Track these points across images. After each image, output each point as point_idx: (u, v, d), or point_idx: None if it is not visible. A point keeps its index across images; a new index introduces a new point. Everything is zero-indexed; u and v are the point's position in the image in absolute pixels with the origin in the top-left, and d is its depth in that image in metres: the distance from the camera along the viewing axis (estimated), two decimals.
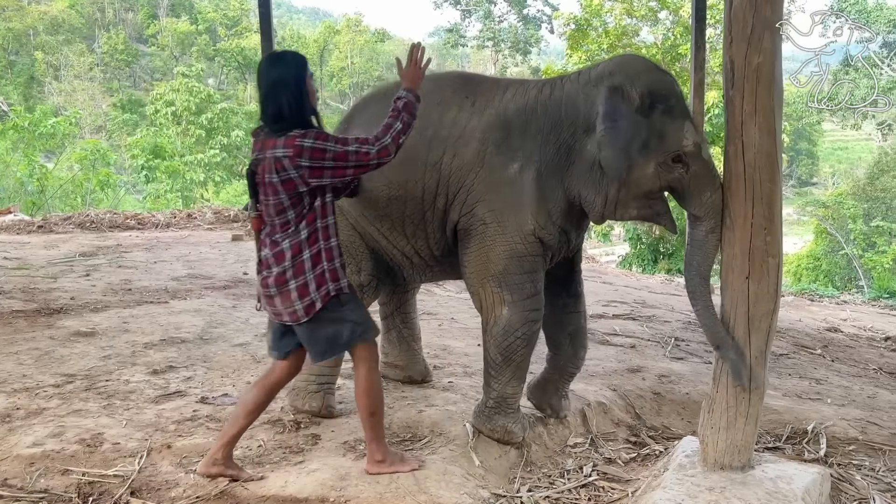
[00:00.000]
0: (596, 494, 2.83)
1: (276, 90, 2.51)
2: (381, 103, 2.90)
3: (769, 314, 2.76)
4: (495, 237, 2.85)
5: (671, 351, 4.70)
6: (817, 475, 2.83)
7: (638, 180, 2.71)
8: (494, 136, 2.89)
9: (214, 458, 2.61)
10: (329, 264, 2.57)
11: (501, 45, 34.80)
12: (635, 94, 2.66)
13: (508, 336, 2.89)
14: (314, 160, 2.45)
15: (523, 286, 2.87)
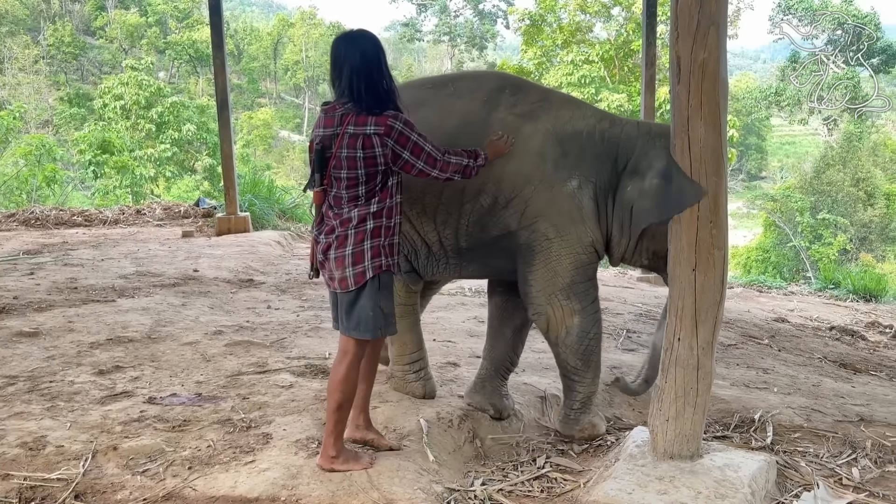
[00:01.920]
0: (549, 486, 2.85)
1: (366, 68, 2.54)
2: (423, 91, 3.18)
3: (716, 305, 2.82)
4: (561, 251, 2.99)
5: (623, 343, 4.77)
6: (764, 463, 2.90)
7: (663, 238, 2.84)
8: (554, 152, 3.01)
9: (357, 424, 2.82)
10: (387, 240, 2.64)
11: (457, 39, 34.81)
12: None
13: (584, 341, 3.06)
14: (398, 144, 2.56)
15: (588, 292, 3.05)
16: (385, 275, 2.64)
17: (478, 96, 3.07)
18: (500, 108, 3.05)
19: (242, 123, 35.44)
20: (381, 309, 2.62)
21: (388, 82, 2.59)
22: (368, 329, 2.62)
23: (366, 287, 2.60)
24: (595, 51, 16.47)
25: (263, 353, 4.02)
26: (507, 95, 3.08)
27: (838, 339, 6.01)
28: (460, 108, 3.06)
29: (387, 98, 2.59)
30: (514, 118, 3.03)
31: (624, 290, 7.29)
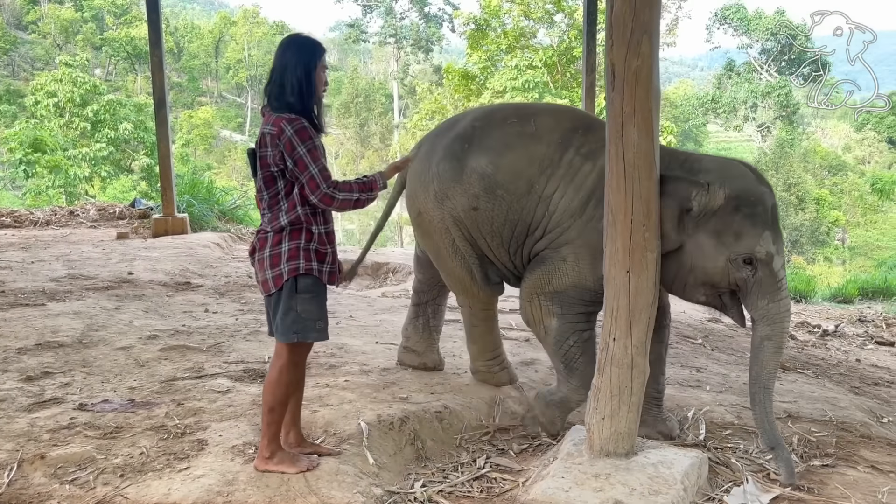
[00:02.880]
0: (488, 486, 2.87)
1: (284, 71, 2.58)
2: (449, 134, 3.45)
3: (648, 306, 2.89)
4: (566, 269, 3.14)
5: None
6: (696, 459, 2.98)
7: (706, 269, 2.89)
8: (599, 190, 3.05)
9: (287, 442, 2.77)
10: (307, 244, 2.61)
11: (403, 42, 34.79)
12: (721, 194, 2.84)
13: (562, 345, 3.18)
14: (286, 150, 2.53)
15: (573, 305, 3.15)
16: (304, 279, 2.59)
17: (554, 138, 3.24)
18: (571, 149, 3.21)
19: (182, 122, 34.63)
20: (299, 313, 2.59)
21: (300, 88, 2.58)
22: (284, 333, 2.60)
23: (282, 290, 2.58)
24: (538, 56, 16.70)
25: (200, 358, 3.94)
26: (579, 136, 3.24)
27: None
28: (540, 153, 3.24)
29: (295, 102, 2.58)
30: (579, 158, 3.18)
31: None
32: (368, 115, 33.32)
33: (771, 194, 2.93)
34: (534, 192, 3.21)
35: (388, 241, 24.03)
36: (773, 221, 2.87)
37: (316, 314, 2.63)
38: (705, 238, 2.87)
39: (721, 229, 2.85)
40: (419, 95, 21.66)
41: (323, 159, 2.59)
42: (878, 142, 33.80)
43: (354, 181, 2.65)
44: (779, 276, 2.85)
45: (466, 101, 18.27)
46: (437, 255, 3.60)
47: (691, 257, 2.90)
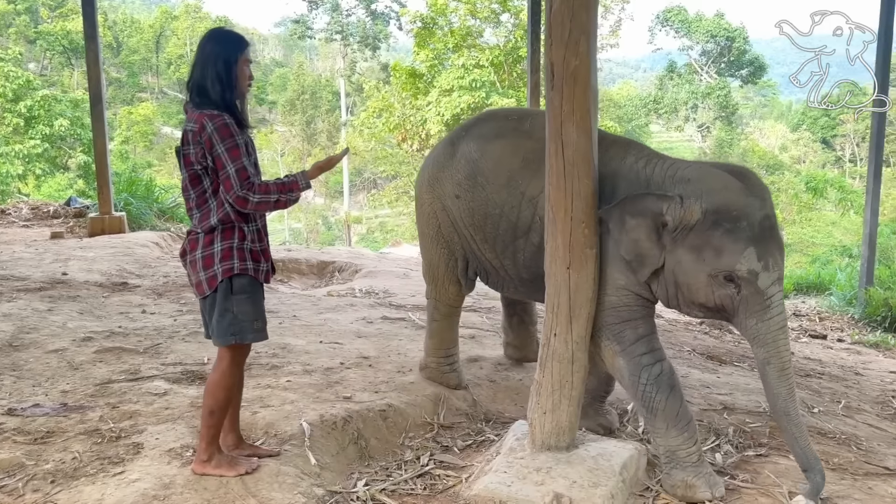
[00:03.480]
0: (432, 483, 2.88)
1: (205, 65, 2.52)
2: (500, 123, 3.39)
3: (588, 302, 2.94)
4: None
5: None
6: (634, 451, 3.05)
7: (690, 286, 2.75)
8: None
9: (226, 444, 2.72)
10: (240, 243, 2.55)
11: (350, 39, 34.54)
12: (698, 208, 2.69)
13: (637, 387, 2.90)
14: (206, 147, 2.46)
15: (623, 334, 2.93)
16: (239, 279, 2.53)
17: (542, 136, 3.06)
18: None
19: (122, 119, 33.67)
20: (236, 315, 2.53)
21: (221, 82, 2.50)
22: (221, 335, 2.55)
23: (217, 292, 2.53)
24: (485, 55, 16.80)
25: (136, 360, 3.83)
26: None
27: (707, 333, 6.40)
28: (526, 147, 3.18)
29: (216, 97, 2.50)
30: None
31: None
32: (315, 113, 32.96)
33: (762, 206, 2.70)
34: (514, 186, 3.15)
35: (335, 241, 23.85)
36: (760, 236, 2.65)
37: (253, 314, 2.57)
38: (684, 254, 2.73)
39: (700, 245, 2.69)
40: (366, 93, 21.56)
41: (245, 158, 2.48)
42: (812, 142, 35.08)
43: (274, 182, 2.54)
44: (767, 293, 2.65)
45: (414, 100, 18.26)
46: (422, 239, 3.64)
47: (674, 273, 2.77)
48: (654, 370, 2.87)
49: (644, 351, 2.90)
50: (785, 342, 2.67)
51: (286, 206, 2.59)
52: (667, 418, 2.85)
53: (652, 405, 2.86)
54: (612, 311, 2.93)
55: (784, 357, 2.65)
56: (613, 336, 2.93)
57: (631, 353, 2.90)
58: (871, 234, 7.52)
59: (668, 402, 2.84)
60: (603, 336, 2.95)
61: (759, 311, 2.65)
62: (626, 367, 2.90)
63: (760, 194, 2.75)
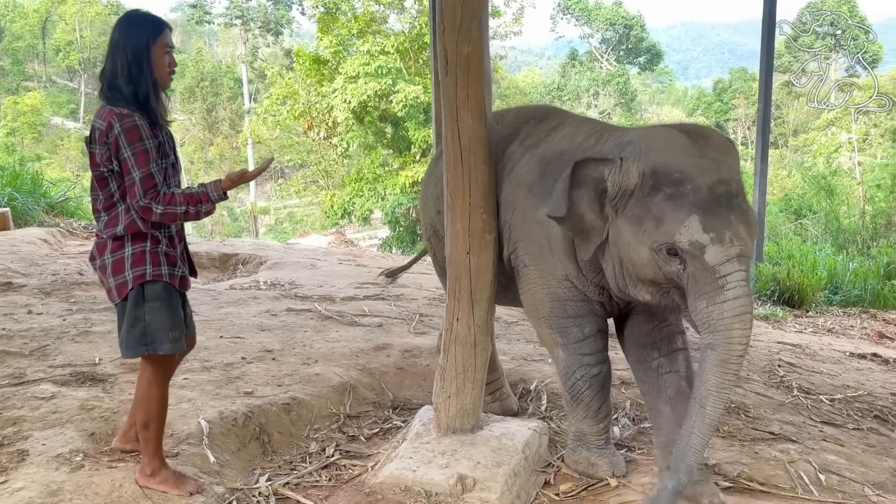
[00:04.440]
0: (337, 473, 2.86)
1: (115, 55, 2.30)
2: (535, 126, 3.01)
3: (489, 285, 2.98)
4: (536, 280, 2.82)
5: (415, 327, 4.90)
6: (536, 429, 3.13)
7: (633, 261, 2.41)
8: (531, 177, 2.81)
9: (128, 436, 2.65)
10: (154, 246, 2.37)
11: (251, 24, 33.53)
12: (635, 169, 2.35)
13: (569, 377, 2.82)
14: (113, 149, 2.26)
15: (569, 329, 2.77)
16: (152, 286, 2.35)
17: (505, 132, 2.99)
18: (515, 141, 2.95)
19: (6, 109, 31.52)
20: (148, 323, 2.36)
21: (131, 72, 2.28)
22: (130, 347, 2.39)
23: (127, 299, 2.36)
24: (390, 42, 16.66)
25: (21, 363, 3.61)
26: (529, 127, 2.98)
27: None
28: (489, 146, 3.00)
29: (127, 89, 2.29)
30: (521, 150, 2.92)
31: (421, 276, 7.47)
32: (216, 100, 31.82)
33: (714, 168, 2.30)
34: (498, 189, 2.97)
35: (242, 232, 23.23)
36: (709, 202, 2.24)
37: (168, 323, 2.37)
38: (624, 224, 2.39)
39: (640, 214, 2.35)
40: (269, 80, 20.97)
41: (153, 164, 2.28)
42: (707, 126, 36.85)
43: (182, 192, 2.32)
44: (718, 271, 2.21)
45: (319, 86, 17.93)
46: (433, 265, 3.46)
47: (617, 247, 2.46)
48: (592, 370, 2.79)
49: (589, 352, 2.78)
50: (740, 333, 2.20)
51: (197, 217, 2.37)
52: (588, 409, 2.83)
53: (579, 396, 2.82)
54: (557, 303, 2.78)
55: (733, 349, 2.20)
56: (557, 328, 2.80)
57: (574, 350, 2.79)
58: (759, 212, 7.96)
59: (595, 398, 2.82)
60: (545, 324, 2.85)
61: (710, 292, 2.23)
62: (564, 360, 2.82)
63: (713, 155, 2.35)
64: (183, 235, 2.54)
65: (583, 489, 2.81)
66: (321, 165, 21.48)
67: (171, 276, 2.39)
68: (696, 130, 2.44)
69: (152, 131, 2.31)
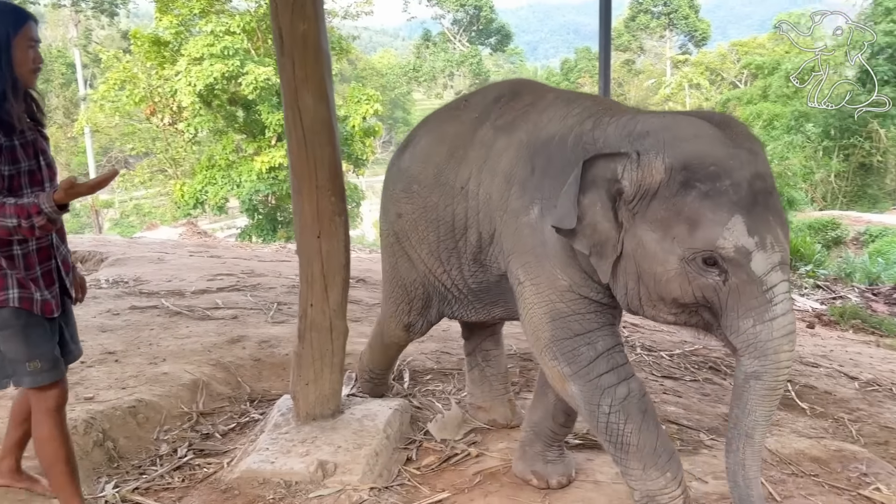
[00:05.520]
0: (191, 473, 2.75)
1: None
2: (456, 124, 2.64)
3: (342, 269, 2.96)
4: (533, 297, 2.27)
5: (273, 316, 4.78)
6: (398, 408, 3.16)
7: (656, 276, 1.99)
8: (521, 171, 2.30)
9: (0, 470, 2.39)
10: (13, 271, 2.07)
11: (82, 4, 31.02)
12: (659, 164, 1.95)
13: (597, 416, 2.20)
14: None
15: (578, 351, 2.21)
16: (6, 311, 2.07)
17: (472, 114, 2.58)
18: (486, 123, 2.50)
19: None
20: (3, 354, 2.10)
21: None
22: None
23: None
24: (235, 22, 15.96)
25: None
26: (499, 106, 2.52)
27: None
28: (452, 132, 2.59)
29: None
30: (492, 133, 2.45)
31: (280, 263, 7.31)
32: (47, 87, 29.24)
33: (751, 160, 1.96)
34: (444, 181, 2.54)
35: (84, 228, 21.62)
36: (750, 201, 1.91)
37: (24, 353, 2.09)
38: (646, 231, 1.99)
39: (667, 217, 1.95)
40: (105, 64, 19.49)
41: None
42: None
43: (15, 203, 1.98)
44: (766, 282, 1.89)
45: (161, 69, 16.90)
46: (383, 273, 3.07)
47: (635, 261, 2.03)
48: (618, 392, 2.18)
49: (604, 370, 2.20)
50: (787, 355, 1.93)
51: (31, 233, 2.01)
52: (642, 456, 2.17)
53: (621, 439, 2.17)
54: (560, 321, 2.22)
55: (781, 374, 1.94)
56: (563, 355, 2.23)
57: (586, 375, 2.21)
58: None
59: (642, 434, 2.17)
60: (548, 355, 2.26)
61: (757, 307, 1.91)
62: (581, 394, 2.22)
63: (748, 145, 2.00)
64: (52, 253, 2.20)
65: (444, 461, 2.87)
66: (168, 153, 20.33)
67: (24, 301, 2.08)
68: (718, 118, 2.08)
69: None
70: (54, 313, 2.17)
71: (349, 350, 3.60)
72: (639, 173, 1.97)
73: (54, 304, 2.16)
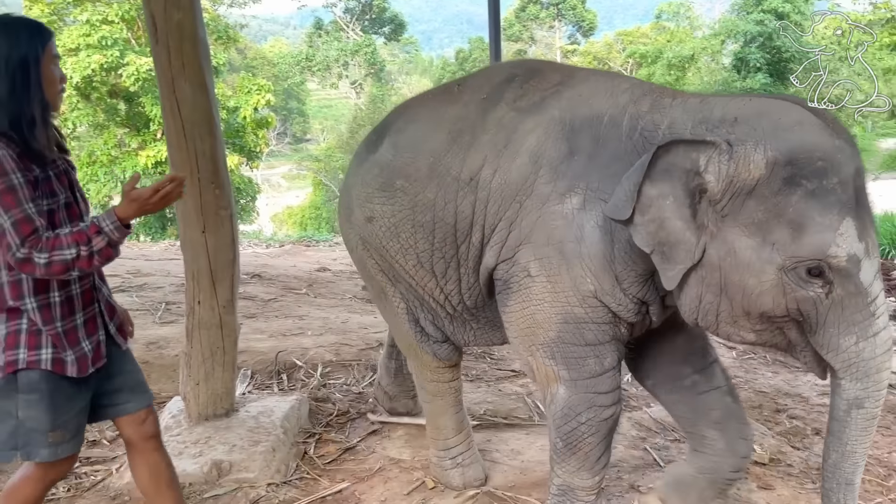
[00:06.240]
0: (77, 482, 2.64)
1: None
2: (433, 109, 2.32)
3: (230, 264, 2.90)
4: (544, 295, 2.01)
5: (161, 316, 4.61)
6: (295, 402, 3.13)
7: (746, 288, 1.76)
8: (554, 151, 1.99)
9: None
10: (30, 325, 1.78)
11: None
12: (760, 157, 1.70)
13: (569, 421, 2.09)
14: None
15: (584, 361, 2.04)
16: (27, 374, 1.80)
17: (476, 96, 2.22)
18: (500, 104, 2.16)
19: None
20: (21, 421, 1.82)
21: (13, 94, 1.74)
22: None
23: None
24: (113, 10, 15.14)
25: None
26: (516, 85, 2.18)
27: None
28: (452, 115, 2.22)
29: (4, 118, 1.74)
30: (513, 115, 2.12)
31: (168, 262, 7.03)
32: None
33: (853, 153, 1.74)
34: (443, 172, 2.16)
35: None
36: (854, 200, 1.69)
37: (47, 422, 1.81)
38: (739, 237, 1.75)
39: (766, 220, 1.71)
40: None
41: (27, 204, 1.70)
42: None
43: (71, 231, 1.73)
44: (870, 293, 1.71)
45: None
46: (372, 295, 2.71)
47: (721, 271, 1.79)
48: (604, 413, 2.08)
49: (605, 389, 2.06)
50: (887, 374, 1.75)
51: (89, 264, 1.74)
52: (585, 459, 2.13)
53: (577, 444, 2.12)
54: (573, 326, 2.02)
55: (881, 398, 1.76)
56: (564, 359, 2.06)
57: (584, 387, 2.06)
58: None
59: (598, 446, 2.12)
60: (544, 354, 2.08)
61: (862, 322, 1.71)
62: (566, 399, 2.08)
63: (845, 135, 1.77)
64: (95, 296, 1.93)
65: (343, 452, 2.88)
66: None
67: (56, 363, 1.81)
68: (801, 101, 1.85)
69: (23, 163, 1.74)
70: (89, 370, 1.88)
71: (244, 347, 3.56)
72: (731, 167, 1.71)
73: (91, 358, 1.88)
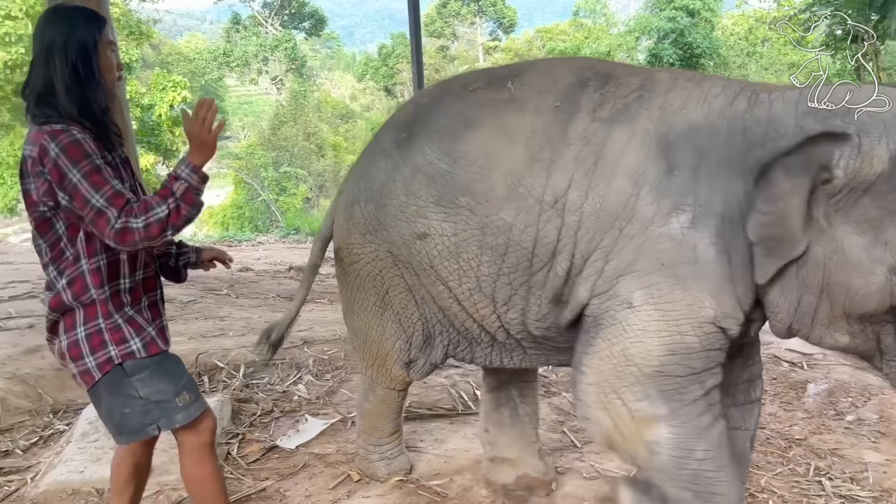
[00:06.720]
0: None
1: (48, 58, 1.75)
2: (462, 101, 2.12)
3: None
4: (647, 325, 1.80)
5: None
6: (217, 403, 3.12)
7: (852, 288, 1.66)
8: (654, 170, 1.82)
9: None
10: (108, 321, 1.80)
11: None
12: (883, 151, 1.60)
13: (686, 465, 1.79)
14: (54, 179, 1.70)
15: (686, 389, 1.81)
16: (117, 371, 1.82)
17: (547, 101, 1.99)
18: (581, 114, 1.95)
19: None
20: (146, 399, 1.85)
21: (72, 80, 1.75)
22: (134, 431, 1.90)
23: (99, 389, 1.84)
24: (17, 5, 14.43)
25: None
26: (591, 91, 1.98)
27: (293, 277, 6.73)
28: (525, 127, 1.98)
29: (66, 102, 1.74)
30: (599, 126, 1.91)
31: None
32: None
33: None
34: (523, 194, 1.94)
35: None
36: None
37: (172, 389, 1.85)
38: (850, 235, 1.66)
39: (879, 217, 1.64)
40: None
41: (112, 182, 1.70)
42: (377, 90, 38.38)
43: (154, 194, 1.76)
44: None
45: None
46: (352, 307, 2.43)
47: (825, 270, 1.70)
48: (713, 435, 1.84)
49: (703, 409, 1.84)
50: None
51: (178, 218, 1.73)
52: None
53: (709, 489, 1.82)
54: (682, 357, 1.80)
55: None
56: (662, 394, 1.81)
57: (685, 416, 1.82)
58: None
59: (732, 485, 1.86)
60: (637, 394, 1.82)
61: None
62: (673, 438, 1.81)
63: None
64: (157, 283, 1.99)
65: (267, 451, 2.89)
66: None
67: (147, 345, 1.85)
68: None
69: (98, 149, 1.74)
70: (169, 344, 1.96)
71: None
72: (858, 161, 1.61)
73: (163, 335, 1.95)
